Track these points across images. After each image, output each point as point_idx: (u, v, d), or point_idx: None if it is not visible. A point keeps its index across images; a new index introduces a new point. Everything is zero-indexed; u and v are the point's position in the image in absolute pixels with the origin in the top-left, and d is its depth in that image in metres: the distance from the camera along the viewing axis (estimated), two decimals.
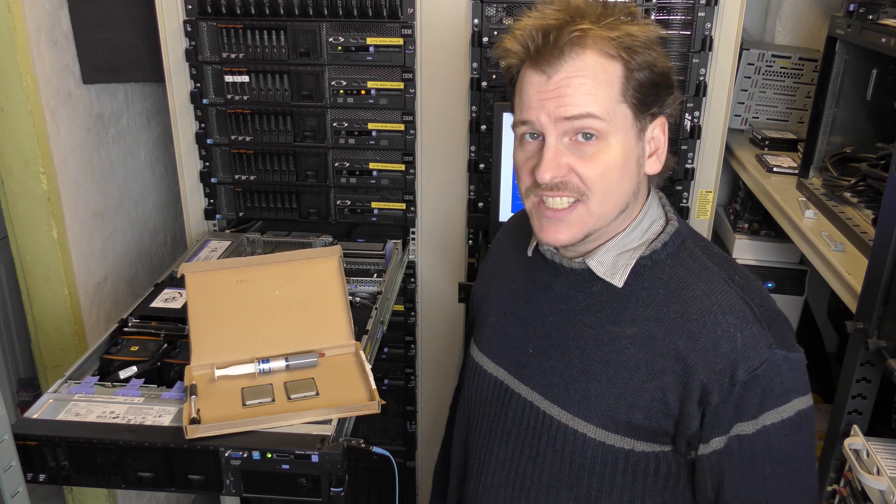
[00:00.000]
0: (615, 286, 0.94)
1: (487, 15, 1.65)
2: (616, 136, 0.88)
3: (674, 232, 0.95)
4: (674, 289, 0.92)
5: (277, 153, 1.78)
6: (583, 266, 0.96)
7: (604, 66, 0.86)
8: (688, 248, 0.95)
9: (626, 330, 0.92)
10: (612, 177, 0.89)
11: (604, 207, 0.90)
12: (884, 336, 1.08)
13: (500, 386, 1.03)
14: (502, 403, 1.02)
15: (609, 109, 0.87)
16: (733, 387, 0.86)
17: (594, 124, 0.86)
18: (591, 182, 0.88)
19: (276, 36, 1.68)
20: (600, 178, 0.88)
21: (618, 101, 0.87)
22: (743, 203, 1.94)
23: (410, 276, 1.89)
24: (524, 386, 1.00)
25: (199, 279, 1.20)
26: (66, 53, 1.74)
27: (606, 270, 0.94)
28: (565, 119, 0.86)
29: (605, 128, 0.87)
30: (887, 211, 1.08)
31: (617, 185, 0.90)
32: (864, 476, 1.06)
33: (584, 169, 0.88)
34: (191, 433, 1.02)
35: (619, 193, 0.91)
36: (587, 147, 0.88)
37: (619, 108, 0.88)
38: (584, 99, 0.86)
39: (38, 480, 1.05)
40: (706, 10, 1.59)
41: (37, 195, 1.67)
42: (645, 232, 0.95)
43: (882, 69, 1.48)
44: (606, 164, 0.88)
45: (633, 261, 0.94)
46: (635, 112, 0.89)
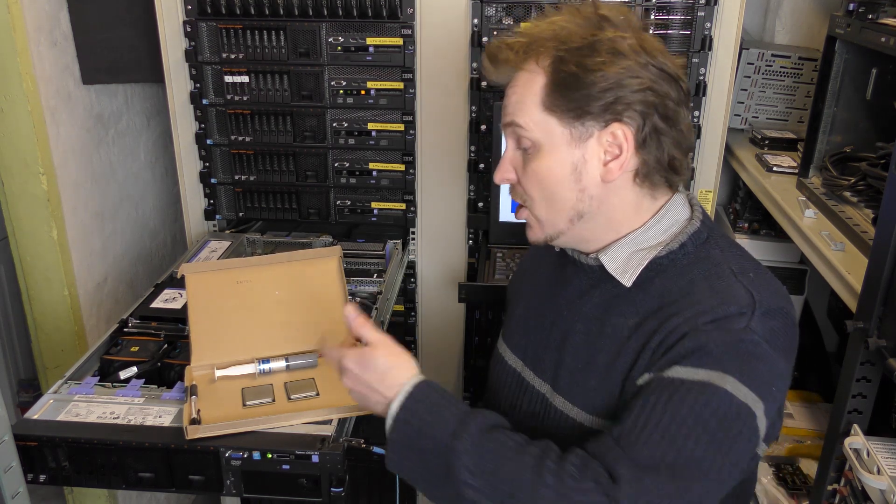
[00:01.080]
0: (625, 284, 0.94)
1: (487, 15, 1.64)
2: (545, 145, 0.92)
3: (693, 232, 0.95)
4: (683, 286, 0.92)
5: (277, 153, 1.78)
6: (597, 262, 0.97)
7: (527, 80, 0.93)
8: (706, 249, 0.95)
9: (629, 321, 0.93)
10: (546, 185, 0.93)
11: (549, 214, 0.95)
12: (884, 335, 1.08)
13: (517, 377, 1.06)
14: (517, 394, 1.06)
15: (532, 119, 0.92)
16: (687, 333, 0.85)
17: (522, 133, 0.93)
18: (528, 190, 0.95)
19: (276, 36, 1.68)
20: (535, 186, 0.94)
21: (540, 111, 0.92)
22: (743, 202, 1.94)
23: (410, 276, 1.89)
24: (537, 378, 1.03)
25: (200, 279, 1.20)
26: (66, 54, 1.73)
27: (617, 268, 0.95)
28: (505, 125, 0.96)
29: (532, 136, 0.92)
30: (887, 210, 1.08)
31: (552, 195, 0.94)
32: (864, 475, 1.06)
33: (523, 178, 0.96)
34: (191, 433, 1.02)
35: (559, 202, 0.94)
36: (526, 156, 0.95)
37: (541, 118, 0.92)
38: (512, 109, 0.95)
39: (39, 481, 1.05)
40: (706, 9, 1.59)
41: (37, 196, 1.67)
42: (664, 231, 0.96)
43: (882, 68, 1.48)
44: (536, 172, 0.93)
45: (645, 260, 0.94)
46: (564, 121, 0.91)
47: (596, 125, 0.90)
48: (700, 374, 0.83)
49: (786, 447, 1.70)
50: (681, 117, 0.93)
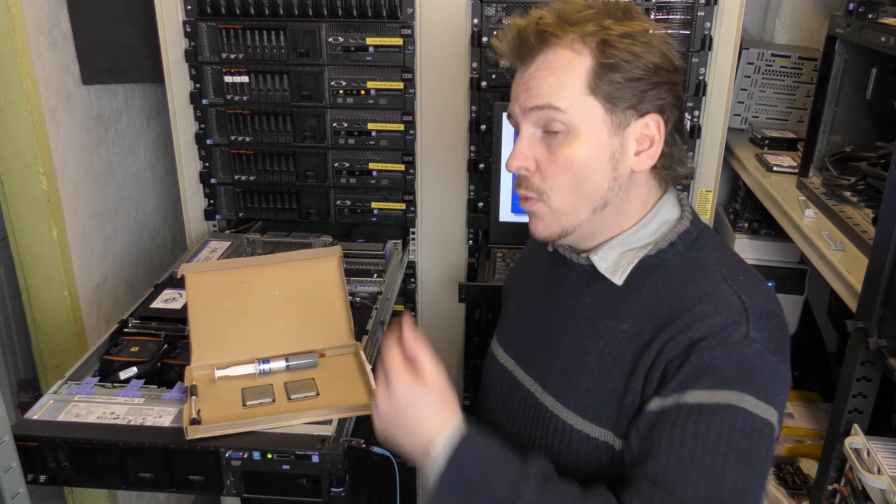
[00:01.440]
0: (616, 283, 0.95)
1: (487, 15, 1.65)
2: (584, 130, 0.89)
3: (683, 231, 0.95)
4: (673, 287, 0.92)
5: (277, 153, 1.78)
6: (588, 262, 0.97)
7: (570, 60, 0.88)
8: (696, 249, 0.95)
9: (622, 325, 0.93)
10: (576, 171, 0.90)
11: (570, 204, 0.91)
12: (884, 335, 1.08)
13: (509, 376, 1.06)
14: (509, 393, 1.05)
15: (573, 102, 0.88)
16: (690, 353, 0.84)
17: (557, 116, 0.89)
18: (550, 178, 0.91)
19: (276, 36, 1.68)
20: (561, 172, 0.90)
21: (584, 94, 0.88)
22: (743, 202, 1.94)
23: (410, 277, 1.89)
24: (528, 377, 1.02)
25: (200, 280, 1.20)
26: (66, 54, 1.73)
27: (608, 267, 0.95)
28: (530, 109, 0.90)
29: (569, 120, 0.88)
30: (887, 210, 1.08)
31: (582, 180, 0.90)
32: (864, 475, 1.06)
33: (548, 164, 0.91)
34: (191, 434, 1.02)
35: (587, 189, 0.91)
36: (554, 140, 0.90)
37: (585, 101, 0.88)
38: (547, 90, 0.89)
39: (39, 481, 1.05)
40: (706, 9, 1.59)
41: (36, 196, 1.67)
42: (655, 231, 0.96)
43: (882, 68, 1.48)
44: (569, 158, 0.89)
45: (636, 260, 0.94)
46: (608, 106, 0.89)
47: (634, 114, 0.90)
48: (717, 397, 0.82)
49: (786, 447, 1.70)
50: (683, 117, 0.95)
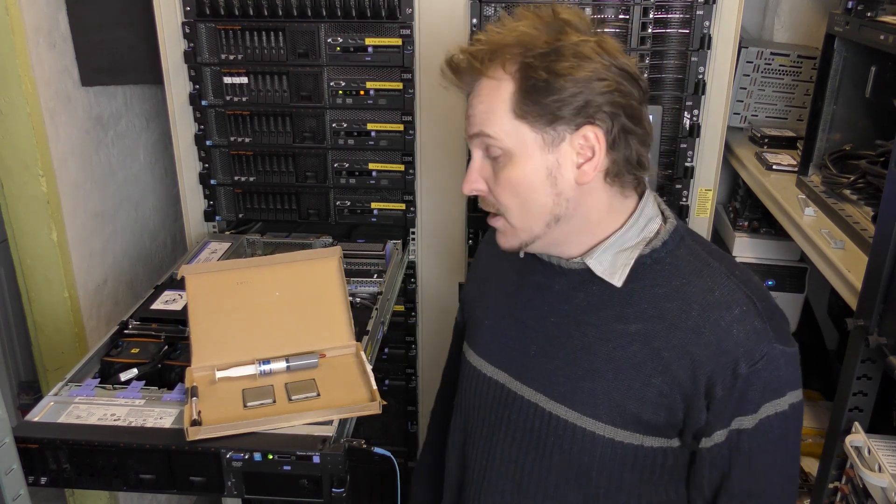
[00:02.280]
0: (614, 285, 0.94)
1: (486, 14, 1.64)
2: (517, 152, 0.91)
3: (672, 230, 0.96)
4: (676, 285, 0.92)
5: (277, 154, 1.78)
6: (582, 266, 0.96)
7: (493, 89, 0.92)
8: (687, 246, 0.96)
9: (630, 327, 0.93)
10: (521, 192, 0.93)
11: (523, 222, 0.95)
12: (884, 333, 1.08)
13: (502, 389, 1.03)
14: (504, 406, 1.02)
15: (502, 128, 0.91)
16: (735, 380, 0.87)
17: (491, 143, 0.92)
18: (501, 199, 0.94)
19: (275, 37, 1.68)
20: (507, 194, 0.94)
21: (511, 119, 0.91)
22: (743, 201, 1.94)
23: (411, 277, 1.89)
24: (527, 388, 1.00)
25: (200, 281, 1.20)
26: (65, 56, 1.73)
27: (605, 270, 0.94)
28: (470, 137, 0.95)
29: (503, 145, 0.92)
30: (887, 208, 1.08)
31: (526, 200, 0.93)
32: (865, 473, 1.06)
33: (495, 186, 0.94)
34: (192, 435, 1.02)
35: (535, 207, 0.93)
36: (496, 164, 0.94)
37: (512, 125, 0.91)
38: (480, 118, 0.93)
39: (40, 483, 1.05)
40: (704, 8, 1.59)
41: (36, 197, 1.67)
42: (641, 230, 0.96)
43: (881, 66, 1.48)
44: (510, 180, 0.93)
45: (632, 259, 0.94)
46: (536, 127, 0.90)
47: (567, 129, 0.90)
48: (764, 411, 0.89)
49: None
50: (644, 115, 0.94)
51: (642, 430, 0.92)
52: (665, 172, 1.73)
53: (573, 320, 0.97)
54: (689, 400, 0.90)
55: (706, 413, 0.90)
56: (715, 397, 0.88)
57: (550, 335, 0.99)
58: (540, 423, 0.98)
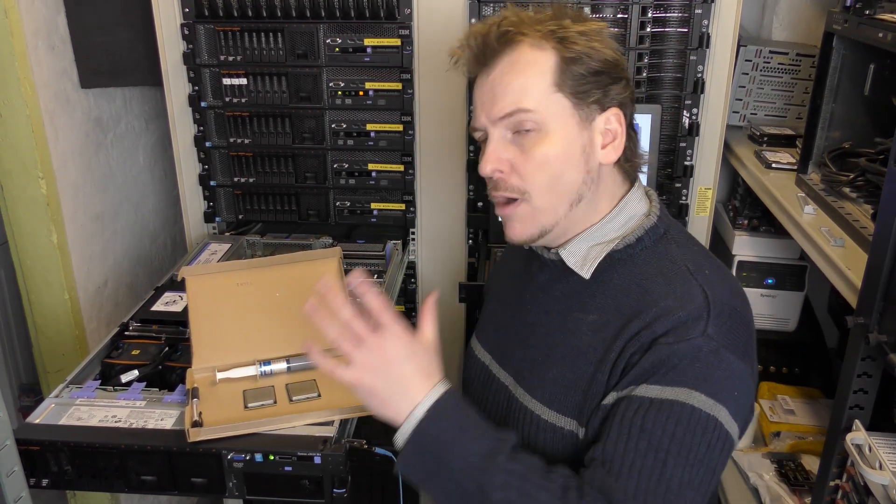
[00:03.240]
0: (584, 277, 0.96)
1: (485, 14, 1.64)
2: (554, 127, 0.90)
3: (650, 227, 0.96)
4: (638, 281, 0.93)
5: (276, 155, 1.78)
6: (558, 257, 0.98)
7: (535, 57, 0.90)
8: (663, 244, 0.96)
9: (588, 317, 0.94)
10: (552, 168, 0.91)
11: (549, 201, 0.92)
12: (885, 331, 1.08)
13: (485, 370, 1.08)
14: (484, 387, 1.07)
15: (542, 101, 0.89)
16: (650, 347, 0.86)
17: (528, 117, 0.89)
18: (529, 176, 0.91)
19: (274, 38, 1.68)
20: (539, 170, 0.91)
21: (551, 91, 0.90)
22: (742, 199, 1.94)
23: (411, 277, 1.89)
24: (503, 371, 1.04)
25: (200, 282, 1.20)
26: (64, 58, 1.73)
27: (576, 261, 0.96)
28: (500, 119, 0.91)
29: (540, 119, 0.89)
30: (886, 205, 1.08)
31: (558, 177, 0.91)
32: (866, 471, 1.06)
33: (523, 163, 0.91)
34: (193, 436, 1.02)
35: (564, 185, 0.92)
36: (526, 140, 0.91)
37: (553, 98, 0.90)
38: (515, 95, 0.89)
39: (41, 485, 1.05)
40: (703, 6, 1.59)
41: (36, 200, 1.67)
42: (622, 225, 0.97)
43: (879, 64, 1.48)
44: (544, 155, 0.90)
45: (603, 254, 0.95)
46: (574, 101, 0.90)
47: (598, 108, 0.92)
48: (667, 393, 0.84)
49: (788, 443, 1.71)
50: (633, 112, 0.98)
51: (582, 421, 0.92)
52: (664, 171, 1.73)
53: (545, 309, 1.00)
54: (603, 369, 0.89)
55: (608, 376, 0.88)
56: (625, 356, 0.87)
57: (527, 322, 1.02)
58: (507, 406, 1.01)
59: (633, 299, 0.92)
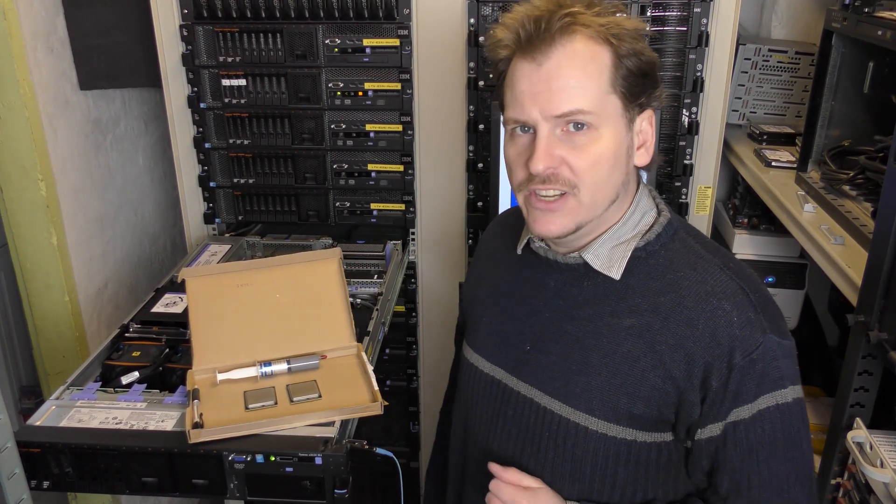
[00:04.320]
0: (610, 279, 0.94)
1: (483, 14, 1.65)
2: (607, 126, 0.89)
3: (666, 223, 0.96)
4: (669, 279, 0.92)
5: (276, 156, 1.78)
6: (578, 261, 0.96)
7: (593, 52, 0.87)
8: (681, 238, 0.96)
9: (624, 321, 0.93)
10: (603, 167, 0.89)
11: (594, 198, 0.91)
12: (885, 328, 1.08)
13: (498, 385, 1.03)
14: (501, 402, 1.02)
15: (599, 101, 0.87)
16: (731, 371, 0.87)
17: (585, 118, 0.87)
18: (581, 173, 0.89)
19: (273, 39, 1.68)
20: (591, 168, 0.89)
21: (607, 91, 0.88)
22: (742, 198, 1.94)
23: (411, 277, 1.89)
24: (523, 384, 1.00)
25: (200, 283, 1.20)
26: (63, 60, 1.73)
27: (603, 263, 0.95)
28: (555, 117, 0.87)
29: (595, 120, 0.88)
30: (886, 203, 1.08)
31: (608, 176, 0.90)
32: (867, 468, 1.06)
33: (576, 160, 0.88)
34: (194, 437, 1.02)
35: (610, 184, 0.91)
36: (578, 137, 0.88)
37: (608, 99, 0.88)
38: (573, 94, 0.86)
39: (42, 488, 1.05)
40: (702, 5, 1.59)
41: (36, 202, 1.67)
42: (637, 224, 0.96)
43: (878, 62, 1.48)
44: (597, 155, 0.88)
45: (628, 253, 0.94)
46: (624, 102, 0.89)
47: (637, 111, 0.91)
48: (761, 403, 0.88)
49: None
50: None
51: (636, 426, 0.92)
52: (664, 170, 1.73)
53: (567, 315, 0.97)
54: (683, 393, 0.90)
55: (700, 406, 0.89)
56: (710, 389, 0.88)
57: (545, 331, 0.99)
58: (535, 419, 0.98)
59: (669, 299, 0.91)
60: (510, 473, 0.94)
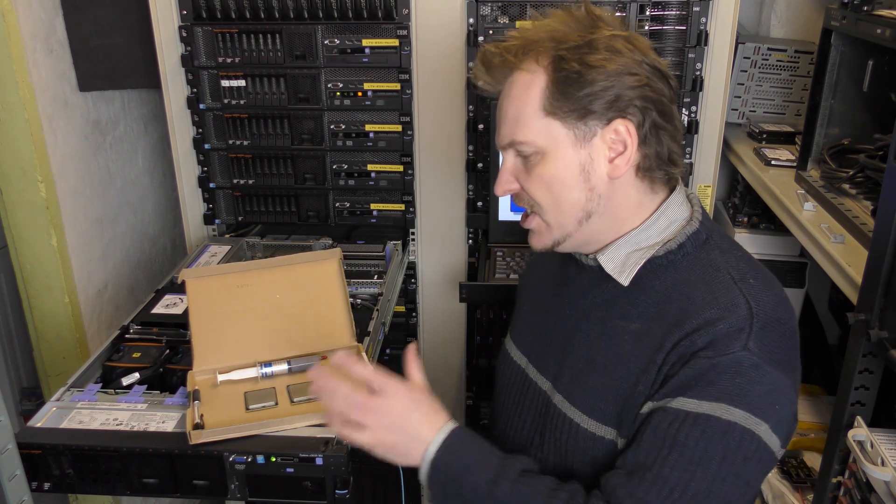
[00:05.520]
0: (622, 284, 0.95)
1: (482, 14, 1.65)
2: (550, 149, 0.91)
3: (692, 233, 0.95)
4: (681, 288, 0.92)
5: (275, 157, 1.78)
6: (596, 262, 0.97)
7: (526, 83, 0.92)
8: (706, 250, 0.95)
9: (630, 325, 0.93)
10: (556, 189, 0.92)
11: (558, 219, 0.94)
12: (885, 327, 1.08)
13: (522, 374, 1.07)
14: (521, 391, 1.06)
15: (533, 128, 0.91)
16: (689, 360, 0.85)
17: (523, 148, 0.92)
18: (534, 195, 0.94)
19: (272, 39, 1.68)
20: (542, 191, 0.93)
21: (541, 117, 0.91)
22: (742, 197, 1.93)
23: (411, 277, 1.89)
24: (541, 376, 1.03)
25: (200, 284, 1.20)
26: (62, 61, 1.73)
27: (615, 267, 0.95)
28: (504, 147, 0.95)
29: (537, 146, 0.91)
30: (886, 201, 1.08)
31: (565, 197, 0.93)
32: (868, 467, 1.06)
33: (527, 184, 0.94)
34: (194, 438, 1.02)
35: (570, 203, 0.93)
36: (528, 163, 0.94)
37: (543, 123, 0.91)
38: (510, 125, 0.93)
39: (43, 489, 1.06)
40: (701, 4, 1.59)
41: (35, 203, 1.67)
42: (662, 231, 0.95)
43: (878, 60, 1.48)
44: (543, 178, 0.92)
45: (642, 260, 0.94)
46: (566, 122, 0.90)
47: (599, 123, 0.90)
48: (703, 407, 0.83)
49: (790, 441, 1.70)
50: (675, 113, 0.95)
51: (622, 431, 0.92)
52: None
53: (585, 314, 0.99)
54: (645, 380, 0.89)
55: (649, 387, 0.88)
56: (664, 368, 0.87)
57: (566, 327, 1.01)
58: (544, 412, 1.01)
59: (676, 307, 0.90)
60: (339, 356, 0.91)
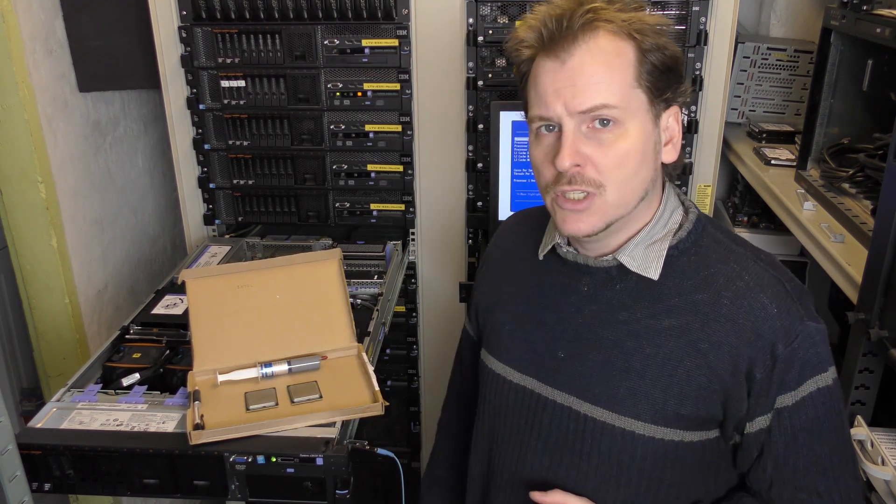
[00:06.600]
0: (644, 280, 0.93)
1: (482, 14, 1.65)
2: (633, 122, 0.87)
3: (695, 220, 0.96)
4: (704, 275, 0.92)
5: (275, 157, 1.78)
6: (612, 263, 0.94)
7: (617, 48, 0.86)
8: (710, 234, 0.96)
9: (663, 322, 0.92)
10: (630, 163, 0.88)
11: (622, 196, 0.89)
12: (885, 326, 1.08)
13: (531, 395, 1.00)
14: (534, 413, 0.99)
15: (624, 95, 0.86)
16: (775, 363, 0.88)
17: (611, 113, 0.86)
18: (607, 171, 0.87)
19: (272, 40, 1.68)
20: (617, 166, 0.87)
21: (632, 86, 0.87)
22: (742, 196, 1.94)
23: (411, 277, 1.89)
24: (559, 392, 0.97)
25: (200, 285, 1.20)
26: (62, 62, 1.73)
27: (640, 264, 0.93)
28: (581, 112, 0.86)
29: (621, 115, 0.86)
30: (886, 201, 1.08)
31: (634, 173, 0.89)
32: (868, 466, 1.06)
33: (602, 158, 0.87)
34: (195, 439, 1.02)
35: (637, 181, 0.89)
36: (604, 134, 0.87)
37: (633, 93, 0.87)
38: (597, 89, 0.85)
39: (44, 490, 1.06)
40: (701, 3, 1.59)
41: (35, 204, 1.67)
42: (667, 222, 0.95)
43: (877, 59, 1.48)
44: (624, 151, 0.87)
45: (664, 252, 0.93)
46: (650, 97, 0.88)
47: (663, 106, 0.90)
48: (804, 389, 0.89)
49: None
50: None
51: (683, 426, 0.91)
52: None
53: (601, 320, 0.95)
54: (730, 390, 0.90)
55: (747, 400, 0.90)
56: (755, 381, 0.88)
57: (578, 336, 0.97)
58: (575, 427, 0.96)
59: (707, 294, 0.91)
60: (554, 496, 0.94)
